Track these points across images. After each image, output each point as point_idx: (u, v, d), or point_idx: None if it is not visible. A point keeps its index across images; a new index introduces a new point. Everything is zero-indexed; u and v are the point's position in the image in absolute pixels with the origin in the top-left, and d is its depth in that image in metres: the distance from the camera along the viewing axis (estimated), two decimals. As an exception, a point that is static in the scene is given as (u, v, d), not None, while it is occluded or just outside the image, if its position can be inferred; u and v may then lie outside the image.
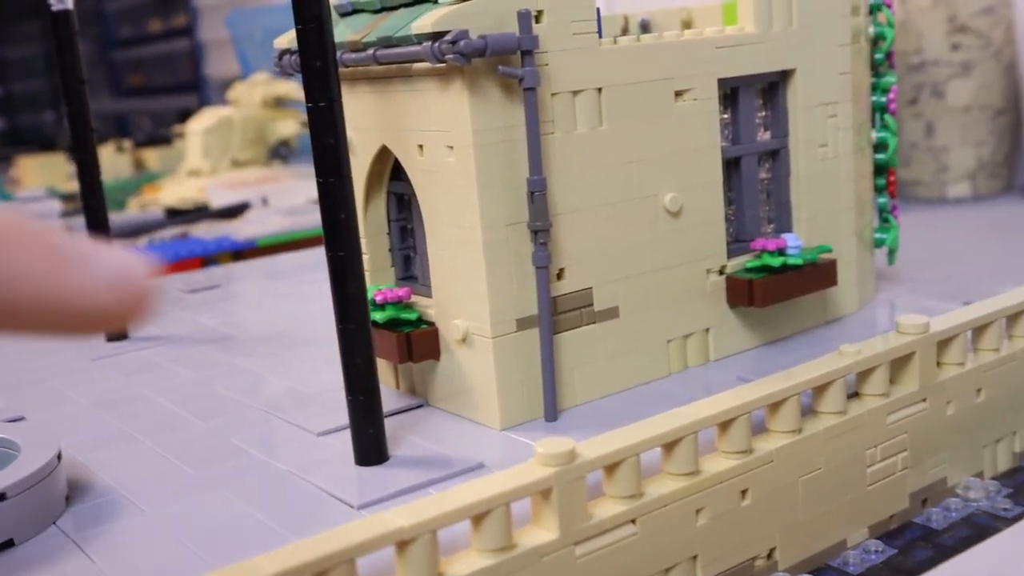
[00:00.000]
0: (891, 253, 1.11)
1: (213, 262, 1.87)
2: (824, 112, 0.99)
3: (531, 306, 0.81)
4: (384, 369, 0.91)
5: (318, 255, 1.66)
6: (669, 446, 0.68)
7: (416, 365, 0.87)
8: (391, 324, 0.85)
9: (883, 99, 1.06)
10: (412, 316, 0.85)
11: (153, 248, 1.93)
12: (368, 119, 0.88)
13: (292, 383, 0.97)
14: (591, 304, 0.85)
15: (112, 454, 0.83)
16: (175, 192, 3.02)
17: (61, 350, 1.16)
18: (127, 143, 4.03)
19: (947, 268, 1.32)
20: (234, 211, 2.65)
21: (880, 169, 1.09)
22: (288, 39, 0.92)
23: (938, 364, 0.84)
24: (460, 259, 0.81)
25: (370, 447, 0.75)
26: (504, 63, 0.77)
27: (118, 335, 1.18)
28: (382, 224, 0.93)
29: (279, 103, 3.42)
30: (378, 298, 0.86)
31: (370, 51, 0.81)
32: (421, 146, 0.83)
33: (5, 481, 0.68)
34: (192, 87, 5.33)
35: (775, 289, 0.92)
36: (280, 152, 3.39)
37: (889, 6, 1.05)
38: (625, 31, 1.21)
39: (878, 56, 1.06)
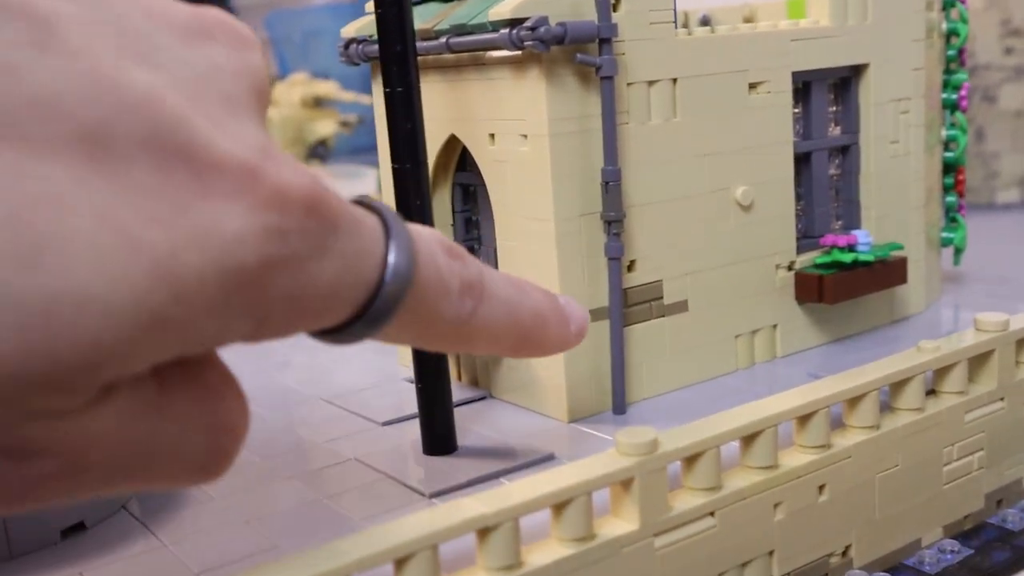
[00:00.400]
0: (957, 253, 1.10)
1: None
2: (896, 108, 0.97)
3: (601, 298, 0.80)
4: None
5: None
6: (748, 439, 0.67)
7: (479, 356, 0.86)
8: (458, 314, 0.84)
9: (954, 96, 1.05)
10: (479, 307, 0.84)
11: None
12: (437, 108, 0.87)
13: (350, 374, 0.96)
14: (661, 297, 0.84)
15: (177, 440, 0.82)
16: (216, 190, 3.03)
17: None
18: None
19: (1006, 271, 1.30)
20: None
21: (948, 167, 1.07)
22: (356, 27, 0.92)
23: (1016, 363, 0.82)
24: (531, 250, 0.80)
25: (439, 437, 0.75)
26: (582, 51, 0.76)
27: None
28: (447, 215, 0.92)
29: (318, 103, 3.43)
30: (444, 288, 0.85)
31: (443, 39, 0.81)
32: (493, 135, 0.82)
33: (78, 463, 0.67)
34: (230, 88, 5.36)
35: (845, 286, 0.91)
36: (318, 152, 3.39)
37: (963, 1, 1.04)
38: (686, 26, 1.19)
39: (950, 52, 1.04)
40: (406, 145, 0.71)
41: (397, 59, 0.70)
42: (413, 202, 0.71)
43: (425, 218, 0.72)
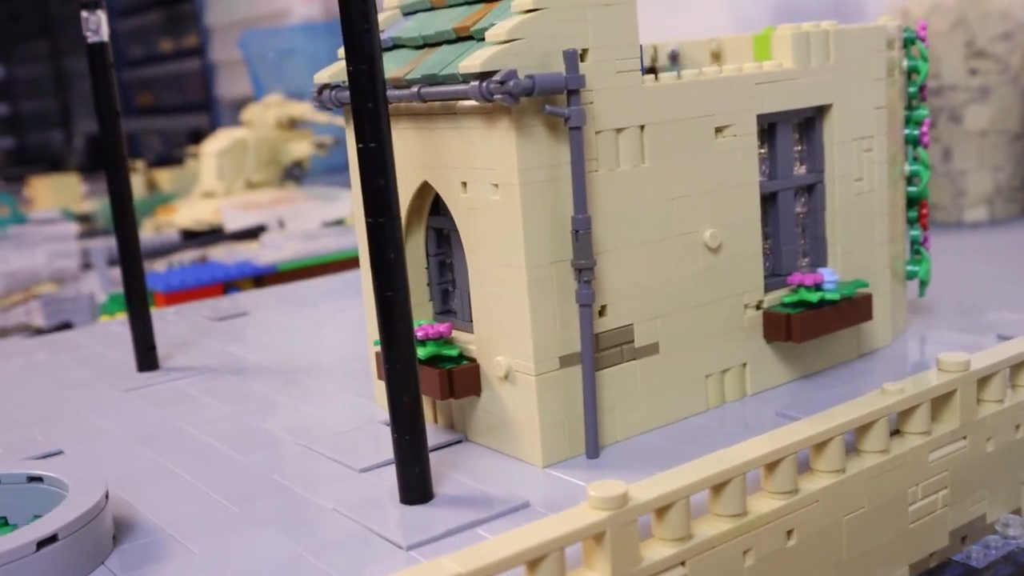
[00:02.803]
0: (922, 285, 1.12)
1: (235, 287, 1.88)
2: (859, 146, 0.99)
3: (573, 343, 0.82)
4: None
5: (339, 281, 1.67)
6: (717, 488, 0.69)
7: (456, 399, 0.87)
8: (432, 360, 0.85)
9: (916, 132, 1.07)
10: (453, 352, 0.86)
11: (174, 272, 1.94)
12: (410, 155, 0.88)
13: (328, 416, 0.97)
14: (632, 341, 0.85)
15: (154, 491, 0.83)
16: (190, 214, 3.04)
17: (93, 381, 1.16)
18: (140, 164, 4.05)
19: (972, 296, 1.32)
20: (250, 233, 2.66)
21: (912, 201, 1.09)
22: (329, 74, 0.93)
23: (978, 401, 0.84)
24: (503, 296, 0.81)
25: (415, 486, 0.76)
26: (550, 102, 0.77)
27: (149, 365, 1.19)
28: (421, 259, 0.93)
29: (293, 124, 3.43)
30: (419, 334, 0.86)
31: (415, 88, 0.82)
32: (465, 183, 0.83)
33: (57, 522, 0.68)
34: (203, 107, 5.36)
35: (812, 324, 0.92)
36: (294, 173, 3.40)
37: (923, 40, 1.06)
38: (655, 61, 1.21)
39: (911, 89, 1.06)
40: (379, 200, 0.72)
41: (369, 116, 0.71)
42: (388, 255, 0.72)
43: (400, 271, 0.73)
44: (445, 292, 0.94)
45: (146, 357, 1.18)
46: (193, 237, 2.88)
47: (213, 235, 2.75)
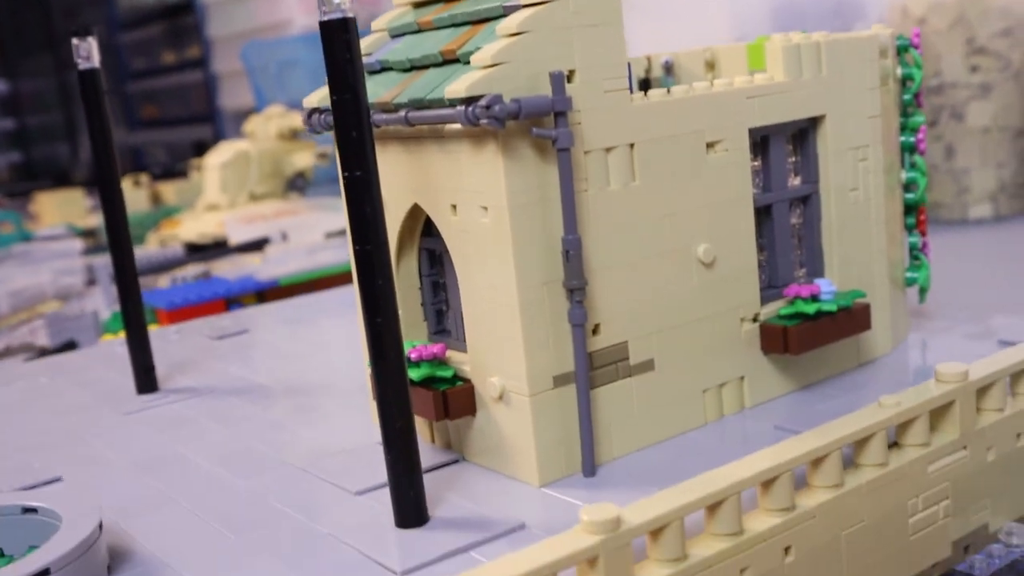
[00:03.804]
0: (922, 292, 1.11)
1: (237, 303, 1.88)
2: (854, 156, 0.99)
3: (567, 363, 0.81)
4: (419, 422, 0.91)
5: (339, 296, 1.67)
6: (713, 507, 0.68)
7: (452, 420, 0.87)
8: (427, 381, 0.85)
9: (912, 139, 1.06)
10: (447, 373, 0.85)
11: (176, 289, 1.94)
12: (400, 178, 0.88)
13: (326, 437, 0.97)
14: (627, 358, 0.85)
15: (151, 519, 0.83)
16: (193, 227, 3.04)
17: (93, 405, 1.16)
18: (144, 177, 4.06)
19: (975, 298, 1.31)
20: (254, 246, 2.66)
21: (910, 208, 1.09)
22: (318, 98, 0.93)
23: (977, 411, 0.84)
24: (496, 317, 0.81)
25: (410, 510, 0.75)
26: (538, 124, 0.77)
27: (148, 387, 1.19)
28: (414, 279, 0.93)
29: (294, 135, 3.44)
30: (413, 355, 0.86)
31: (402, 112, 0.82)
32: (454, 206, 0.83)
33: (49, 556, 0.68)
34: (206, 119, 5.37)
35: (810, 336, 0.92)
36: (297, 184, 3.40)
37: (916, 47, 1.05)
38: (648, 72, 1.21)
39: (906, 97, 1.06)
40: (367, 228, 0.72)
41: (354, 145, 0.71)
42: (376, 282, 0.72)
43: (388, 298, 0.73)
44: (439, 312, 0.94)
45: (145, 379, 1.18)
46: (197, 251, 2.89)
47: (217, 249, 2.76)
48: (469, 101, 0.76)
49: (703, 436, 0.89)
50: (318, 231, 2.81)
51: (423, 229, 0.91)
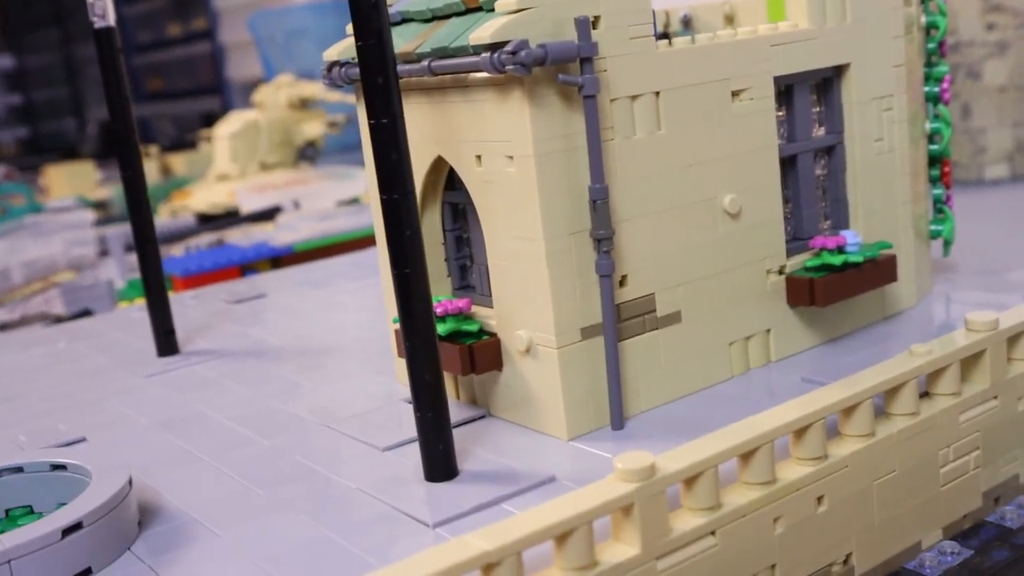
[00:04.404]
0: (947, 245, 1.10)
1: (252, 269, 1.87)
2: (879, 106, 0.97)
3: (595, 315, 0.81)
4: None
5: (354, 260, 1.66)
6: (746, 456, 0.68)
7: (477, 375, 0.86)
8: (453, 336, 0.84)
9: (936, 89, 1.05)
10: (473, 327, 0.85)
11: (191, 257, 1.94)
12: (423, 130, 0.87)
13: (348, 397, 0.97)
14: (654, 310, 0.84)
15: (178, 476, 0.83)
16: (205, 198, 3.04)
17: (114, 368, 1.16)
18: (153, 149, 4.05)
19: (996, 255, 1.30)
20: (266, 215, 2.66)
21: (934, 160, 1.08)
22: (338, 51, 0.92)
23: (1008, 360, 0.83)
24: (522, 269, 0.80)
25: (440, 464, 0.75)
26: (563, 71, 0.76)
27: (169, 350, 1.18)
28: (438, 234, 0.92)
29: (304, 104, 3.42)
30: (438, 310, 0.85)
31: (425, 62, 0.81)
32: (479, 156, 0.82)
33: (81, 510, 0.68)
34: (214, 90, 5.35)
35: (836, 288, 0.91)
36: (307, 153, 3.39)
37: (939, -6, 1.04)
38: (667, 26, 1.20)
39: (930, 46, 1.04)
40: (393, 176, 0.71)
41: (380, 91, 0.70)
42: (404, 232, 0.71)
43: (417, 247, 0.72)
44: (463, 267, 0.93)
45: (165, 342, 1.18)
46: (209, 221, 2.88)
47: (229, 218, 2.75)
48: (494, 48, 0.75)
49: (730, 388, 0.88)
50: (329, 199, 2.80)
51: (446, 183, 0.91)
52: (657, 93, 0.82)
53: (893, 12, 0.97)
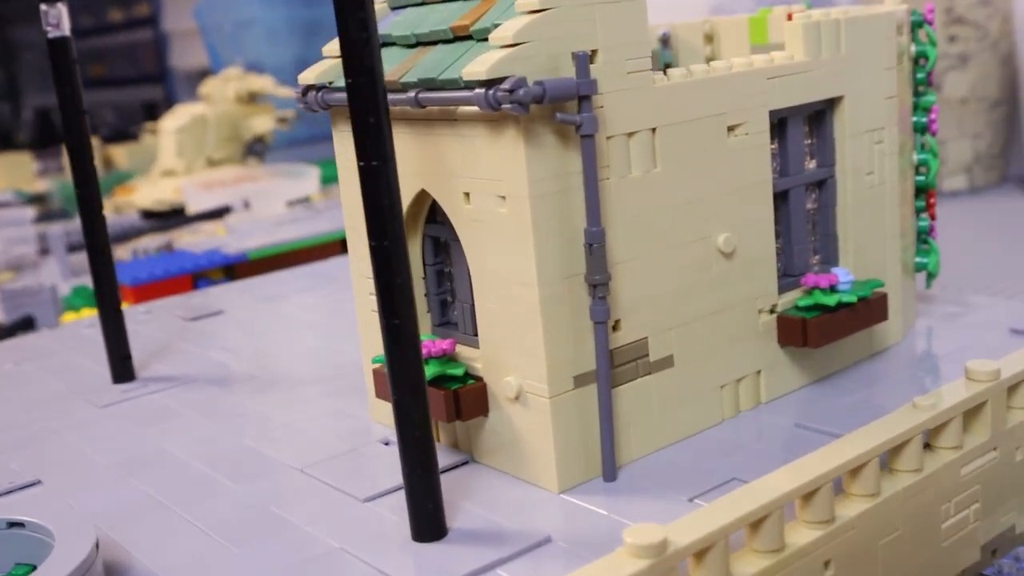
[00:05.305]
0: (930, 277, 1.08)
1: (205, 278, 1.81)
2: (871, 138, 0.95)
3: (588, 362, 0.77)
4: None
5: (311, 272, 1.61)
6: (755, 523, 0.65)
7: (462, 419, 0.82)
8: (437, 381, 0.81)
9: (924, 119, 1.03)
10: (458, 371, 0.81)
11: (140, 263, 1.87)
12: (406, 162, 0.83)
13: (323, 434, 0.92)
14: (647, 355, 0.81)
15: (145, 529, 0.78)
16: (150, 194, 2.95)
17: (67, 395, 1.10)
18: (94, 139, 3.93)
19: (965, 277, 1.29)
20: (215, 214, 2.59)
21: (919, 190, 1.06)
22: (315, 74, 0.87)
23: (1007, 409, 0.81)
24: (512, 313, 0.77)
25: (428, 523, 0.71)
26: (560, 109, 0.72)
27: (125, 376, 1.13)
28: (418, 268, 0.88)
29: (253, 98, 3.34)
30: (423, 352, 0.81)
31: (411, 93, 0.77)
32: (467, 194, 0.78)
33: (46, 581, 0.63)
34: (157, 79, 5.22)
35: (829, 328, 0.89)
36: (255, 149, 3.32)
37: (930, 23, 1.02)
38: (646, 46, 1.16)
39: (919, 76, 1.02)
40: (384, 222, 0.67)
41: (372, 132, 0.65)
42: (395, 281, 0.67)
43: (407, 297, 0.68)
44: (443, 302, 0.89)
45: (121, 367, 1.12)
46: (154, 218, 2.80)
47: (176, 217, 2.68)
48: (489, 84, 0.71)
49: (721, 433, 0.85)
50: (279, 199, 2.73)
51: (428, 215, 0.86)
52: (654, 129, 0.79)
53: (887, 42, 0.95)
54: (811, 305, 0.89)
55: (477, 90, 0.71)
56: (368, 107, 0.65)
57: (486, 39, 0.76)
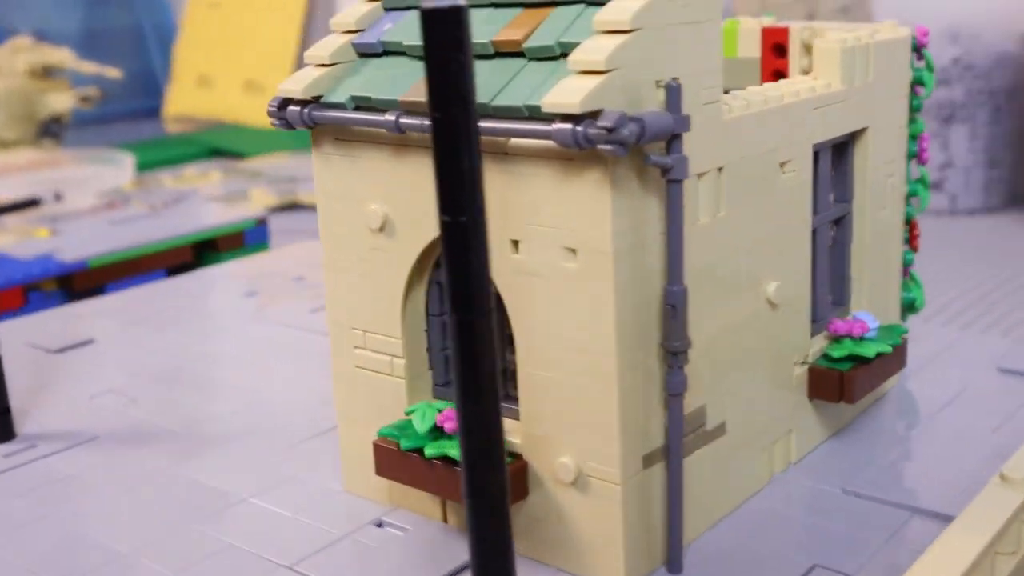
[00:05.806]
0: (914, 311, 1.03)
1: (36, 288, 1.57)
2: (886, 172, 0.89)
3: (655, 439, 0.67)
4: (427, 497, 0.74)
5: (181, 286, 1.42)
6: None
7: (486, 502, 0.70)
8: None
9: (915, 148, 0.97)
10: (493, 448, 0.68)
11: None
12: (421, 193, 0.69)
13: (295, 511, 0.78)
14: (704, 424, 0.71)
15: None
16: (-68, 179, 2.60)
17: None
18: None
19: (944, 307, 1.26)
20: (21, 207, 2.29)
21: (905, 222, 1.00)
22: (302, 86, 0.72)
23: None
24: (575, 385, 0.65)
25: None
26: (649, 149, 0.61)
27: (5, 434, 0.93)
28: (420, 319, 0.75)
29: (48, 73, 3.01)
30: (447, 425, 0.68)
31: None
32: (516, 241, 0.66)
33: None
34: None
35: (866, 381, 0.82)
36: (51, 129, 2.99)
37: (925, 46, 0.96)
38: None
39: (916, 103, 0.96)
40: (471, 290, 0.53)
41: (463, 180, 0.52)
42: (482, 362, 0.54)
43: (493, 381, 0.55)
44: (447, 359, 0.76)
45: (1, 425, 0.92)
46: (-61, 209, 2.47)
47: (-32, 209, 2.36)
48: (577, 118, 0.59)
49: (766, 503, 0.77)
50: (90, 189, 2.46)
51: (436, 260, 0.73)
52: (720, 169, 0.69)
53: (904, 69, 0.89)
54: (844, 356, 0.82)
55: (559, 124, 0.59)
56: (461, 150, 0.52)
57: (546, 58, 0.64)
